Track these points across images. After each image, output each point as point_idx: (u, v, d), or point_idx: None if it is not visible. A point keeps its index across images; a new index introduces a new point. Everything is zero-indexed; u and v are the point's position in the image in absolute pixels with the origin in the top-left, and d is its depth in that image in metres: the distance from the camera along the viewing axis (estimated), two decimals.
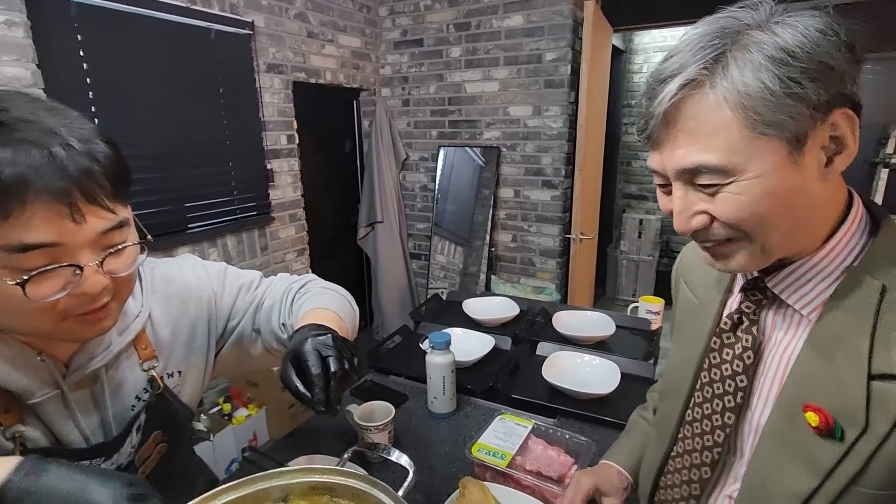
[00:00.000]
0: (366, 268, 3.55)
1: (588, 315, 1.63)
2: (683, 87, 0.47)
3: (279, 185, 2.64)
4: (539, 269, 3.03)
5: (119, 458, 0.67)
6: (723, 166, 0.46)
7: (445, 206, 3.22)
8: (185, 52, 2.10)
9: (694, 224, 0.51)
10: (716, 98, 0.45)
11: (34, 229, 0.47)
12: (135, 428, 0.68)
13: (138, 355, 0.70)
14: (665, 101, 0.47)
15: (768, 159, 0.46)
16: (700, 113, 0.47)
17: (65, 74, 1.73)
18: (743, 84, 0.44)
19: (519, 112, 2.87)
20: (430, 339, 1.17)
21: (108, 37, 1.84)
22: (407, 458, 0.74)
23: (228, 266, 0.86)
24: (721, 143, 0.46)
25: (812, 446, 0.49)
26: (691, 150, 0.48)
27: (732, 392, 0.58)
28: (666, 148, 0.50)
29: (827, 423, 0.47)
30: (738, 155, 0.46)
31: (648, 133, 0.51)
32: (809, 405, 0.49)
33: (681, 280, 0.76)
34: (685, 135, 0.48)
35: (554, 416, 1.18)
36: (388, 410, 1.06)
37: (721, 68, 0.45)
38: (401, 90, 3.23)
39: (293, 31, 2.60)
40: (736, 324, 0.59)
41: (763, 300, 0.57)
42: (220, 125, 2.29)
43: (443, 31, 2.99)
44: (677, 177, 0.51)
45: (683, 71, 0.47)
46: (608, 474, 0.82)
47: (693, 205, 0.51)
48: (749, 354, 0.56)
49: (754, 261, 0.52)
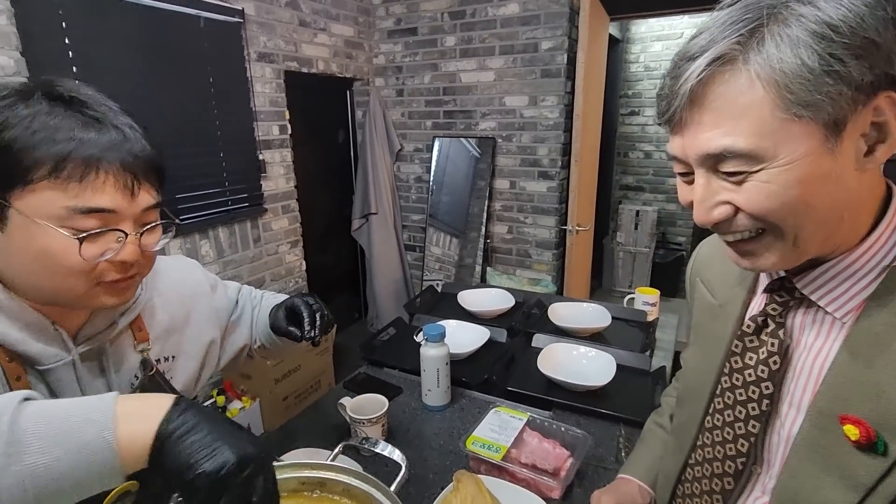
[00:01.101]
0: (360, 259, 3.53)
1: (584, 307, 1.61)
2: (713, 62, 0.43)
3: (271, 176, 2.60)
4: (535, 261, 3.02)
5: None
6: (751, 151, 0.43)
7: (440, 197, 3.19)
8: (173, 41, 2.05)
9: (716, 215, 0.47)
10: (748, 75, 0.42)
11: (102, 195, 0.56)
12: None
13: (134, 336, 0.73)
14: (692, 78, 0.43)
15: (801, 144, 0.42)
16: (729, 92, 0.43)
17: (50, 63, 1.69)
18: (779, 60, 0.40)
19: (515, 102, 2.84)
20: (425, 332, 1.15)
21: (95, 24, 1.80)
22: (399, 452, 0.73)
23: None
24: (750, 125, 0.42)
25: (850, 460, 0.45)
26: (717, 133, 0.44)
27: (757, 399, 0.54)
28: (689, 131, 0.46)
29: (868, 437, 0.43)
30: (768, 139, 0.42)
31: (670, 115, 0.47)
32: (848, 417, 0.45)
33: (697, 279, 0.71)
34: (712, 116, 0.44)
35: (549, 408, 1.17)
36: (382, 403, 1.05)
37: (756, 43, 0.42)
38: (395, 80, 3.19)
39: (284, 19, 2.55)
40: (760, 326, 0.55)
41: (790, 301, 0.53)
42: (211, 115, 2.25)
43: (437, 19, 2.94)
44: (700, 163, 0.47)
45: (713, 46, 0.43)
46: (629, 490, 0.79)
47: (716, 194, 0.47)
48: (776, 360, 0.53)
49: (786, 258, 0.48)
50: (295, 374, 2.42)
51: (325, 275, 3.25)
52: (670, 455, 0.69)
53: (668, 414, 0.84)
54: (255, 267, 2.59)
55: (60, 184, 0.54)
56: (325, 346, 2.60)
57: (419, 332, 1.22)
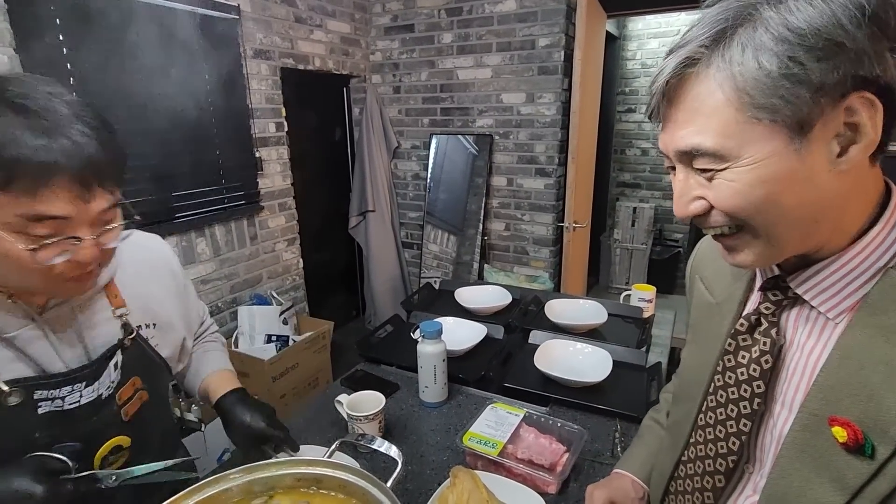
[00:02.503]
0: (357, 257, 3.53)
1: (581, 303, 1.62)
2: (681, 64, 0.45)
3: (268, 173, 2.60)
4: (532, 258, 3.03)
5: (100, 387, 0.72)
6: (716, 150, 0.44)
7: (438, 194, 3.19)
8: (169, 37, 2.04)
9: (692, 209, 0.49)
10: (710, 78, 0.44)
11: (53, 204, 0.56)
12: (112, 363, 0.74)
13: (110, 302, 0.77)
14: (662, 77, 0.46)
15: (764, 146, 0.43)
16: (697, 93, 0.45)
17: (44, 59, 1.68)
18: (739, 64, 0.42)
19: (512, 99, 2.84)
20: (422, 328, 1.15)
21: (89, 20, 1.78)
22: (396, 448, 0.73)
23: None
24: (716, 125, 0.44)
25: (839, 462, 0.45)
26: (689, 132, 0.46)
27: (749, 398, 0.54)
28: (668, 128, 0.49)
29: (856, 439, 0.44)
30: (733, 139, 0.43)
31: (652, 110, 0.49)
32: (837, 418, 0.45)
33: (696, 276, 0.72)
34: (684, 114, 0.46)
35: (546, 404, 1.18)
36: (379, 400, 1.05)
37: (722, 47, 0.43)
38: (391, 77, 3.18)
39: (280, 15, 2.54)
40: (753, 325, 0.55)
41: (784, 300, 0.53)
42: (207, 112, 2.24)
43: (434, 16, 2.94)
44: (678, 158, 0.49)
45: (685, 47, 0.45)
46: (622, 485, 0.79)
47: (692, 189, 0.49)
48: (767, 359, 0.53)
49: (764, 256, 0.49)
50: (293, 372, 2.42)
51: (323, 272, 3.24)
52: (665, 452, 0.70)
53: (666, 410, 0.84)
54: (252, 265, 2.59)
55: (12, 193, 0.55)
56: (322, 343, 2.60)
57: (416, 328, 1.22)
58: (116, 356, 0.75)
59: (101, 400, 0.73)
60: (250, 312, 2.42)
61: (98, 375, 0.73)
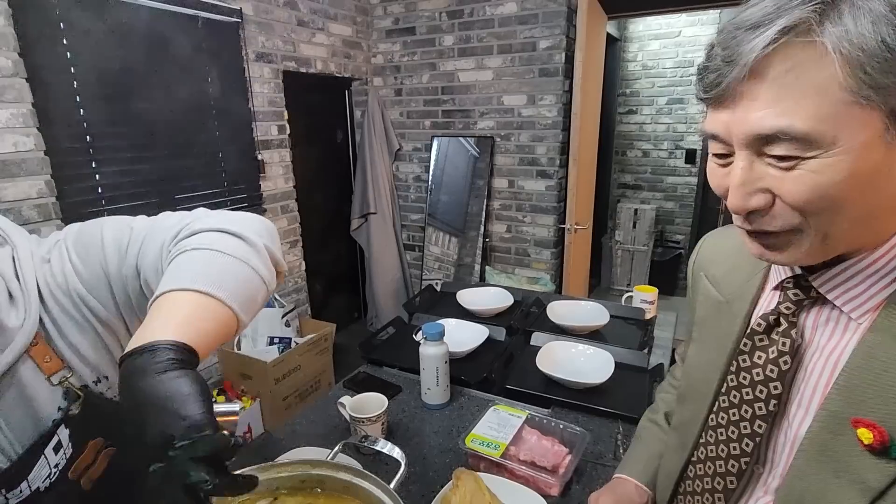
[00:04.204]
0: (359, 259, 3.54)
1: (582, 305, 1.62)
2: (786, 31, 0.38)
3: (270, 176, 2.61)
4: (534, 260, 3.03)
5: (34, 482, 0.59)
6: (808, 134, 0.39)
7: (439, 196, 3.20)
8: (172, 41, 2.05)
9: (753, 203, 0.44)
10: (822, 49, 0.37)
11: None
12: (50, 448, 0.60)
13: (40, 368, 0.60)
14: (757, 48, 0.39)
15: (861, 133, 0.38)
16: (796, 66, 0.38)
17: (48, 63, 1.69)
18: (858, 35, 0.36)
19: (513, 101, 2.84)
20: (424, 330, 1.16)
21: (93, 25, 1.80)
22: (399, 450, 0.73)
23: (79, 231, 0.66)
24: (812, 105, 0.38)
25: (861, 464, 0.44)
26: (772, 113, 0.40)
27: (765, 399, 0.52)
28: (740, 107, 0.42)
29: (882, 441, 0.42)
30: (829, 122, 0.38)
31: (722, 89, 0.42)
32: (861, 420, 0.43)
33: (700, 274, 0.69)
34: (771, 92, 0.40)
35: (548, 406, 1.18)
36: (381, 402, 1.06)
37: (834, 12, 0.37)
38: (393, 79, 3.19)
39: (282, 19, 2.55)
40: (771, 325, 0.53)
41: (805, 300, 0.50)
42: (209, 116, 2.26)
43: (435, 18, 2.95)
44: (746, 144, 0.43)
45: (785, 14, 0.38)
46: (626, 491, 0.77)
47: (759, 179, 0.43)
48: (786, 360, 0.51)
49: (813, 254, 0.45)
50: (295, 374, 2.42)
51: (325, 274, 3.25)
52: (672, 452, 0.68)
53: (663, 411, 0.83)
54: None
55: None
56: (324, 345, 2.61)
57: (418, 330, 1.22)
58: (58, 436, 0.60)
59: (38, 493, 0.59)
60: None
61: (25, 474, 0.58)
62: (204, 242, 0.58)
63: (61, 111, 1.75)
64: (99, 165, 1.88)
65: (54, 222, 1.71)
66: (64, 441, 0.62)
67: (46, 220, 1.70)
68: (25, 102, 1.62)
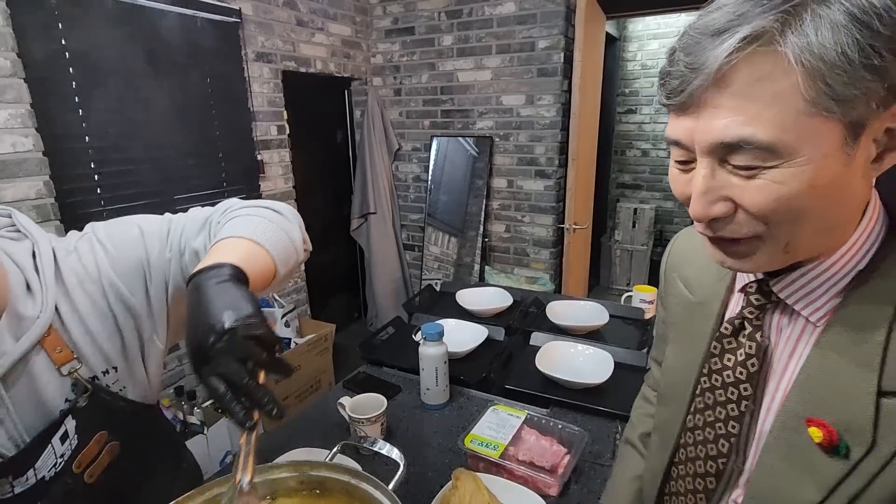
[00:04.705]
0: (359, 259, 3.54)
1: (582, 305, 1.62)
2: (748, 40, 0.38)
3: (270, 176, 2.61)
4: (533, 259, 3.03)
5: (40, 471, 0.62)
6: (770, 144, 0.39)
7: (439, 196, 3.20)
8: (171, 41, 2.05)
9: (715, 211, 0.44)
10: (784, 59, 0.37)
11: None
12: (57, 438, 0.63)
13: (51, 359, 0.63)
14: (721, 56, 0.38)
15: (823, 144, 0.39)
16: (759, 75, 0.38)
17: (47, 64, 1.69)
18: (819, 46, 0.36)
19: (512, 101, 2.85)
20: (423, 330, 1.16)
21: (91, 25, 1.79)
22: (398, 451, 0.74)
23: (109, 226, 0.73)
24: (776, 115, 0.38)
25: (816, 460, 0.46)
26: (736, 121, 0.39)
27: (736, 400, 0.54)
28: (704, 115, 0.42)
29: (831, 440, 0.44)
30: (792, 133, 0.38)
31: (685, 95, 0.42)
32: (813, 419, 0.45)
33: (674, 275, 0.69)
34: (734, 100, 0.40)
35: (547, 406, 1.18)
36: (381, 402, 1.06)
37: (796, 21, 0.37)
38: (392, 79, 3.19)
39: (282, 19, 2.55)
40: (738, 329, 0.54)
41: (767, 304, 0.52)
42: (209, 116, 2.25)
43: (434, 18, 2.95)
44: (709, 151, 0.42)
45: (748, 21, 0.38)
46: None
47: (721, 187, 0.43)
48: (753, 362, 0.52)
49: (774, 262, 0.46)
50: (294, 374, 2.42)
51: (324, 274, 3.25)
52: (654, 453, 0.69)
53: (640, 431, 0.81)
54: None
55: None
56: (324, 346, 2.61)
57: (418, 330, 1.22)
58: (65, 426, 0.64)
59: (44, 482, 0.62)
60: None
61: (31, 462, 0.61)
62: (252, 213, 0.70)
63: (60, 111, 1.74)
64: (98, 166, 1.88)
65: (53, 223, 1.71)
66: (70, 432, 0.64)
67: (45, 221, 1.70)
68: (24, 103, 1.62)
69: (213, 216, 0.71)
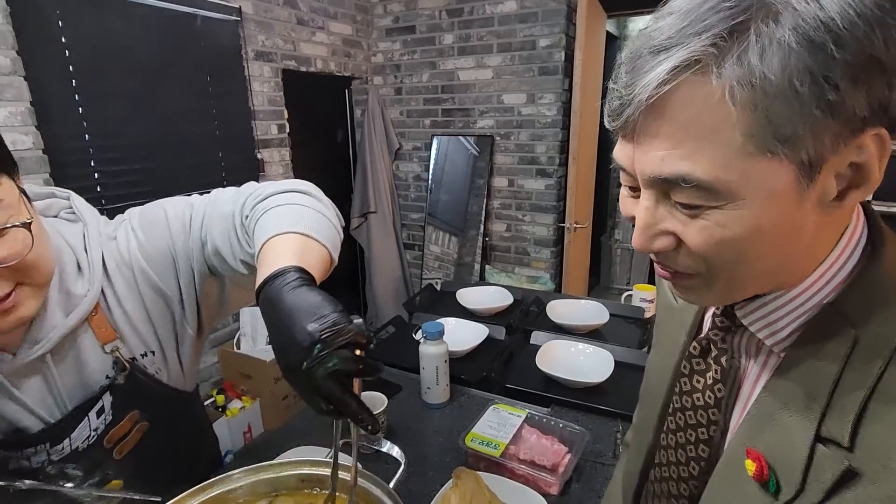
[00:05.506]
0: (359, 258, 3.54)
1: (582, 304, 1.62)
2: (679, 68, 0.34)
3: (270, 175, 2.60)
4: (533, 259, 3.03)
5: (75, 441, 0.66)
6: (710, 184, 0.35)
7: (439, 195, 3.20)
8: (171, 39, 2.05)
9: (657, 245, 0.41)
10: (721, 90, 0.33)
11: None
12: (94, 412, 0.67)
13: (96, 336, 0.67)
14: (651, 84, 0.34)
15: (768, 186, 0.35)
16: (695, 106, 0.34)
17: (47, 62, 1.69)
18: (761, 76, 0.31)
19: (512, 100, 2.84)
20: (424, 329, 1.16)
21: (91, 23, 1.79)
22: (398, 449, 0.73)
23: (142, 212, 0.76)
24: (714, 153, 0.34)
25: (750, 493, 0.43)
26: (674, 155, 0.36)
27: (706, 424, 0.51)
28: (642, 143, 0.38)
29: (762, 474, 0.41)
30: (733, 172, 0.34)
31: (623, 120, 0.38)
32: (751, 451, 0.43)
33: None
34: (671, 129, 0.36)
35: (548, 405, 1.18)
36: (381, 401, 1.06)
37: (737, 48, 0.32)
38: (393, 78, 3.19)
39: (282, 17, 2.55)
40: (705, 350, 0.52)
41: (731, 327, 0.49)
42: (209, 114, 2.25)
43: (435, 17, 2.94)
44: (649, 184, 0.39)
45: (682, 44, 0.34)
46: None
47: (662, 221, 0.40)
48: (720, 387, 0.49)
49: (720, 299, 0.45)
50: None
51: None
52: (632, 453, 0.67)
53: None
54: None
55: None
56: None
57: (418, 329, 1.22)
58: (102, 401, 0.67)
59: (77, 452, 0.66)
60: (252, 314, 2.43)
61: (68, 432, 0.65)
62: (284, 200, 0.67)
63: (60, 110, 1.74)
64: (98, 164, 1.88)
65: None
66: (106, 407, 0.68)
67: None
68: (24, 101, 1.62)
69: (236, 209, 0.69)
